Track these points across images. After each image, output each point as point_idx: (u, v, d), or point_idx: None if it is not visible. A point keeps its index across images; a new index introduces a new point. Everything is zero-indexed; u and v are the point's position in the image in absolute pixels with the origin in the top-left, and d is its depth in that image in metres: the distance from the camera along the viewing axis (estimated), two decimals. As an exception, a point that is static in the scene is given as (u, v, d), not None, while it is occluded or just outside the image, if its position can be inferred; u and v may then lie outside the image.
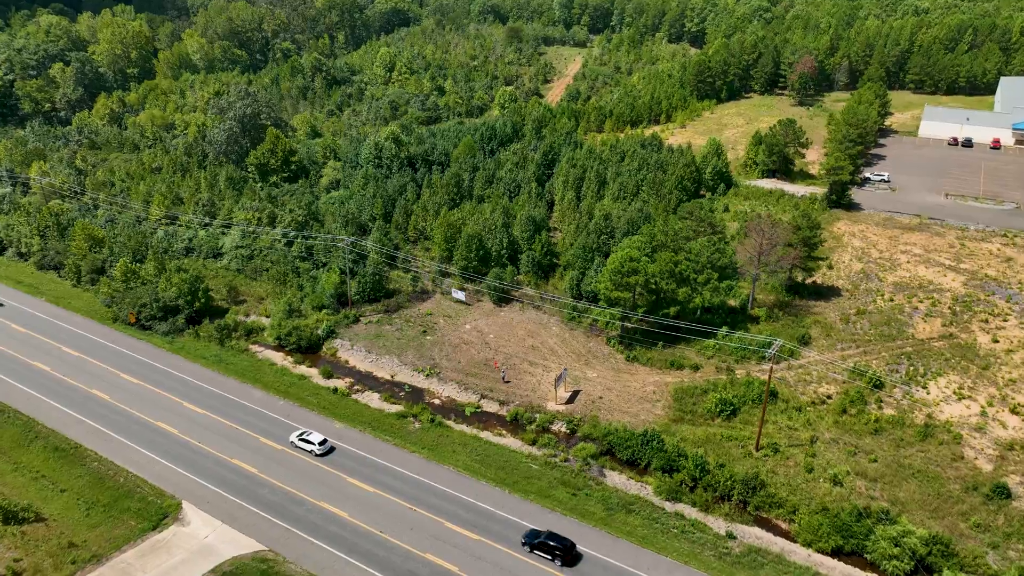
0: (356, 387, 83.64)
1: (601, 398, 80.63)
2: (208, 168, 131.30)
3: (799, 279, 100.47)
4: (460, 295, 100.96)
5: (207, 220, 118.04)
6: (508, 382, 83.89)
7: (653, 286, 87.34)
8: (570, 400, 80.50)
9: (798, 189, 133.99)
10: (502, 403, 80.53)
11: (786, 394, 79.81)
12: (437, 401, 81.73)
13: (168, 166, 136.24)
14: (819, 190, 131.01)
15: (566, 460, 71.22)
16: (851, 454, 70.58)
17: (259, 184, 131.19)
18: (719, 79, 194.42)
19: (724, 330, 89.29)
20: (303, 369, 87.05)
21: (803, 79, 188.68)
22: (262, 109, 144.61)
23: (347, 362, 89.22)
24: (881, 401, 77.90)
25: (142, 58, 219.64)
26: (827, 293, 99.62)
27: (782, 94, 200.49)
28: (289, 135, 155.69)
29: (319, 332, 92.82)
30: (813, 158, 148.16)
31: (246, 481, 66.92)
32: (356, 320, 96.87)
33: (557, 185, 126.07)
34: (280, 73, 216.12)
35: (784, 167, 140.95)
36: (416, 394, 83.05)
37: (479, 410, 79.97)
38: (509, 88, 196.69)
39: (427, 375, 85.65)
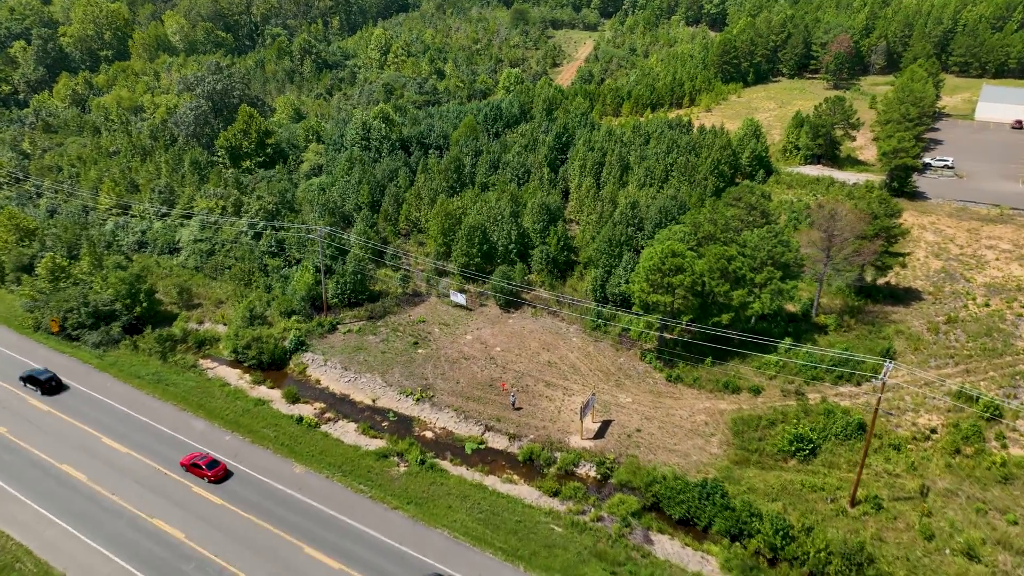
0: (327, 415, 66.14)
1: (639, 431, 63.05)
2: (170, 151, 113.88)
3: (869, 279, 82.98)
4: (459, 298, 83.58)
5: (164, 209, 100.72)
6: (519, 409, 66.39)
7: (700, 287, 69.80)
8: (599, 433, 62.94)
9: (849, 176, 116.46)
10: (512, 437, 63.02)
11: (877, 426, 62.20)
12: (429, 434, 64.23)
13: (127, 149, 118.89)
14: (875, 177, 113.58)
15: (599, 519, 53.65)
16: (980, 512, 52.98)
17: (229, 170, 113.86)
18: (745, 60, 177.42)
19: (787, 342, 71.74)
20: (263, 391, 69.58)
21: (839, 60, 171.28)
22: (235, 85, 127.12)
23: (318, 382, 71.81)
24: (1004, 437, 60.24)
25: (117, 40, 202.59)
26: (904, 296, 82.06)
27: (813, 78, 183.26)
28: (268, 116, 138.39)
29: (286, 344, 75.49)
30: (860, 143, 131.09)
31: (167, 551, 49.37)
32: (333, 329, 79.50)
33: (573, 170, 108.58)
34: (266, 57, 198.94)
35: (830, 152, 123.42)
36: (403, 424, 65.57)
37: (483, 446, 62.45)
38: (515, 70, 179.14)
39: (417, 399, 68.20)
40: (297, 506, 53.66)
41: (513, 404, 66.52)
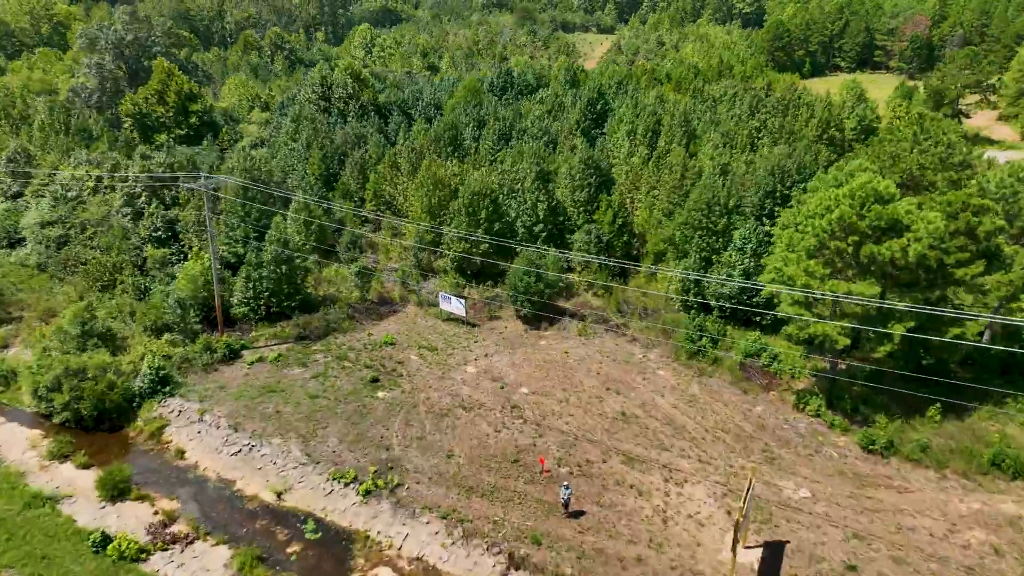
0: (174, 529, 31.20)
1: (855, 569, 28.23)
2: (54, 115, 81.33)
3: None
4: (455, 306, 49.39)
5: (16, 186, 67.68)
6: (580, 515, 31.62)
7: (925, 267, 35.84)
8: (765, 568, 28.11)
9: (992, 155, 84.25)
10: (571, 585, 28.17)
11: None
12: (386, 574, 29.27)
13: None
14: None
15: None
16: None
17: (138, 145, 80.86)
18: (800, 48, 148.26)
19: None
20: (62, 472, 34.86)
21: (916, 42, 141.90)
22: (157, 40, 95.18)
23: (181, 454, 37.05)
24: None
25: (58, 35, 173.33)
26: None
27: (876, 72, 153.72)
28: (216, 96, 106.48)
29: (136, 383, 41.10)
30: (982, 123, 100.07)
31: None
32: (233, 355, 45.15)
33: (617, 138, 75.73)
34: (230, 51, 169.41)
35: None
36: (332, 549, 30.68)
37: (506, 609, 27.60)
38: (524, 58, 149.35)
39: (366, 492, 33.30)
40: None
41: (565, 504, 31.72)
